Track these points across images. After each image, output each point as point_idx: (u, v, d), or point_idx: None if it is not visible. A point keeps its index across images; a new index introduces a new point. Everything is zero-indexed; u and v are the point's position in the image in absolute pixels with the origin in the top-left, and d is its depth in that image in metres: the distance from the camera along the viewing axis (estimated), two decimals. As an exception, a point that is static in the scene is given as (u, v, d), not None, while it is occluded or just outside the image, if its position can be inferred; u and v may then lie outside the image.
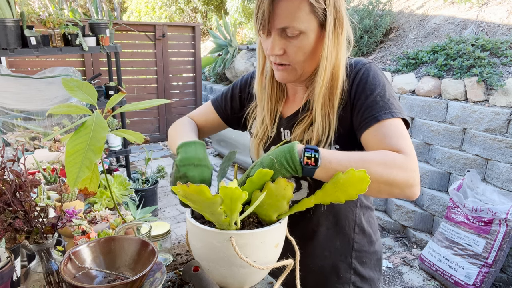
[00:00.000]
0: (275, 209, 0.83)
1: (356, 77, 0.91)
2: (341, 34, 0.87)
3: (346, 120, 0.92)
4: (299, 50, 0.86)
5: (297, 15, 0.82)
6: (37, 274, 0.79)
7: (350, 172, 0.72)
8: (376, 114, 0.85)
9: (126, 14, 12.04)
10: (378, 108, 0.85)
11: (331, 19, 0.84)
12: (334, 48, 0.87)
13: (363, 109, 0.87)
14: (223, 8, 8.65)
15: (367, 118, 0.86)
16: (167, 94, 5.90)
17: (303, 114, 0.96)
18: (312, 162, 0.75)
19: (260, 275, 0.89)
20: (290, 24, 0.83)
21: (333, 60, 0.88)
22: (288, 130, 1.00)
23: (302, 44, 0.85)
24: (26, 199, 0.75)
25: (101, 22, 3.31)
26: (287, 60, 0.89)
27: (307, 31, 0.84)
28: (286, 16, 0.82)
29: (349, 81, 0.92)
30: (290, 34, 0.84)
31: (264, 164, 0.78)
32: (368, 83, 0.89)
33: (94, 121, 0.82)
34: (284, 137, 1.01)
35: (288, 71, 0.91)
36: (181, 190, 0.73)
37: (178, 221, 3.52)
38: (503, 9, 3.74)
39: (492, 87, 2.93)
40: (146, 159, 3.52)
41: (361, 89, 0.89)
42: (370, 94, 0.87)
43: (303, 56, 0.87)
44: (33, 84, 2.90)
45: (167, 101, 1.00)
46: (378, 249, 1.12)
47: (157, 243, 1.01)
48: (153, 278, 0.78)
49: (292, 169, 0.76)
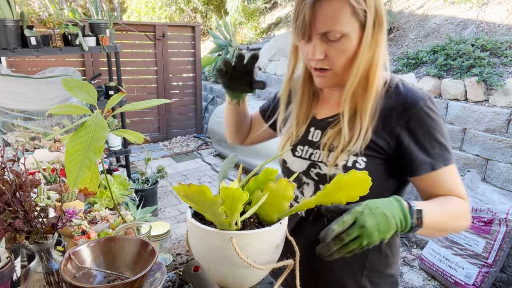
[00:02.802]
0: (276, 210, 0.83)
1: (412, 111, 0.85)
2: (380, 35, 0.84)
3: (384, 140, 0.88)
4: (341, 53, 0.84)
5: (339, 18, 0.80)
6: (37, 274, 0.79)
7: (352, 173, 0.72)
8: (432, 162, 0.85)
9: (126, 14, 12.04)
10: (435, 155, 0.85)
11: (371, 20, 0.82)
12: (371, 49, 0.84)
13: (417, 151, 0.85)
14: (223, 8, 8.64)
15: (423, 164, 0.85)
16: (167, 94, 5.90)
17: (338, 118, 0.93)
18: (420, 223, 0.75)
19: (260, 275, 0.89)
20: (332, 28, 0.81)
21: (367, 61, 0.85)
22: (320, 130, 0.97)
23: (344, 47, 0.83)
24: (26, 199, 0.75)
25: (101, 22, 3.31)
26: (328, 65, 0.87)
27: (349, 33, 0.82)
28: (327, 20, 0.80)
29: (394, 106, 0.87)
30: (332, 38, 0.82)
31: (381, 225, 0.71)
32: (427, 124, 0.85)
33: (94, 121, 0.82)
34: (313, 137, 0.98)
35: (328, 76, 0.89)
36: (182, 190, 0.73)
37: (178, 221, 3.52)
38: (503, 9, 3.74)
39: (492, 87, 2.93)
40: (146, 159, 3.52)
41: (419, 128, 0.85)
42: (428, 138, 0.85)
43: (345, 59, 0.85)
44: (33, 84, 2.89)
45: (167, 101, 1.00)
46: (395, 273, 1.04)
47: (157, 243, 1.01)
48: (153, 278, 0.78)
49: (402, 230, 0.75)
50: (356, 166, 0.87)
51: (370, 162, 0.88)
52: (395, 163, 0.88)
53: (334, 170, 0.89)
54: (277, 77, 5.52)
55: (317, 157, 0.94)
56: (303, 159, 0.97)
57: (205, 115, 6.48)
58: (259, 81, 1.01)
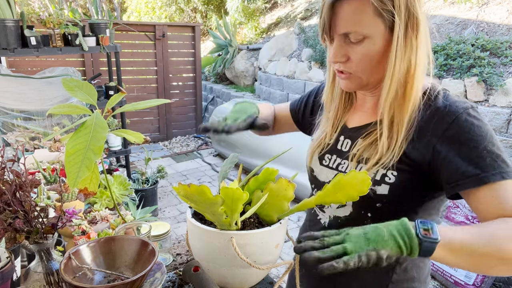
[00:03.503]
0: (276, 210, 0.83)
1: (450, 118, 0.76)
2: (415, 38, 0.76)
3: (419, 152, 0.79)
4: (364, 56, 0.78)
5: (360, 18, 0.74)
6: (37, 274, 0.79)
7: (352, 173, 0.72)
8: (483, 174, 0.71)
9: (126, 14, 12.04)
10: (485, 166, 0.72)
11: (402, 22, 0.74)
12: (405, 54, 0.76)
13: (464, 163, 0.73)
14: (223, 8, 8.64)
15: (467, 176, 0.72)
16: (167, 94, 5.90)
17: (372, 128, 0.86)
18: (431, 233, 0.62)
19: (260, 275, 0.89)
20: (352, 29, 0.75)
21: (403, 67, 0.77)
22: (349, 140, 0.91)
23: (367, 50, 0.77)
24: (26, 199, 0.75)
25: (101, 22, 3.31)
26: (351, 68, 0.81)
27: (372, 35, 0.75)
28: (348, 20, 0.75)
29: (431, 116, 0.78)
30: (354, 40, 0.77)
31: (369, 233, 0.64)
32: (472, 133, 0.74)
33: (94, 121, 0.82)
34: (342, 146, 0.92)
35: (352, 79, 0.83)
36: (182, 190, 0.73)
37: (178, 221, 3.52)
38: (503, 9, 3.74)
39: (492, 87, 2.93)
40: (146, 159, 3.52)
41: (460, 136, 0.74)
42: (475, 148, 0.73)
43: (369, 63, 0.79)
44: (33, 84, 2.89)
45: (167, 101, 1.00)
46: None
47: (157, 243, 1.01)
48: (153, 278, 0.78)
49: (406, 244, 0.62)
50: (385, 180, 0.80)
51: (401, 176, 0.79)
52: (430, 178, 0.79)
53: None
54: (277, 77, 5.52)
55: (344, 167, 0.89)
56: (330, 168, 0.92)
57: (205, 115, 6.48)
58: (260, 124, 0.93)
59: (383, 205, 0.80)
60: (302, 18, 6.83)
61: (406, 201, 0.80)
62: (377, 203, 0.81)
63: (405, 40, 0.75)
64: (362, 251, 0.61)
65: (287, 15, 7.52)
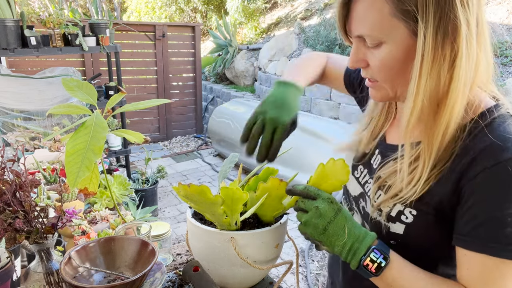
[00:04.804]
0: (271, 209, 0.83)
1: (487, 162, 0.59)
2: (449, 47, 0.59)
3: (445, 191, 0.64)
4: (382, 64, 0.65)
5: (373, 19, 0.61)
6: (37, 274, 0.79)
7: (330, 161, 0.71)
8: (493, 244, 0.58)
9: (126, 14, 12.04)
10: (502, 236, 0.58)
11: (430, 25, 0.58)
12: (435, 66, 0.60)
13: (479, 221, 0.60)
14: (223, 8, 8.64)
15: (479, 238, 0.60)
16: (167, 94, 5.90)
17: (401, 152, 0.70)
18: (373, 268, 0.64)
19: (260, 275, 0.89)
20: (363, 32, 0.64)
21: (433, 81, 0.61)
22: (381, 157, 0.77)
23: (386, 56, 0.63)
24: (26, 199, 0.75)
25: (101, 22, 3.31)
26: (372, 75, 0.69)
27: (389, 41, 0.62)
28: (360, 21, 0.64)
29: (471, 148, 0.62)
30: (370, 44, 0.65)
31: (329, 229, 0.67)
32: (506, 191, 0.58)
33: (94, 121, 0.82)
34: (374, 161, 0.79)
35: (378, 88, 0.70)
36: (182, 190, 0.73)
37: (178, 221, 3.52)
38: (503, 9, 3.74)
39: (492, 87, 2.93)
40: (146, 159, 3.52)
41: (492, 194, 0.59)
42: (500, 208, 0.58)
43: (388, 71, 0.65)
44: (33, 84, 2.89)
45: (167, 101, 1.00)
46: None
47: (157, 243, 1.01)
48: (153, 278, 0.78)
49: (347, 259, 0.66)
50: (401, 219, 0.68)
51: (420, 217, 0.67)
52: (452, 222, 0.65)
53: (376, 214, 0.72)
54: (277, 77, 5.52)
55: (368, 188, 0.78)
56: (358, 183, 0.82)
57: (205, 115, 6.48)
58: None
59: (397, 244, 0.70)
60: (302, 18, 6.83)
61: (424, 244, 0.69)
62: (391, 240, 0.71)
63: (435, 48, 0.59)
64: (311, 236, 0.69)
65: (287, 15, 7.52)
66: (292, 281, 2.52)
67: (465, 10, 0.58)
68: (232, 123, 4.64)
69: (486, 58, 0.62)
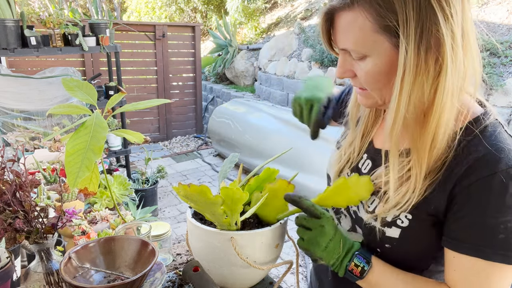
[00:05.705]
0: (275, 211, 0.83)
1: (481, 173, 0.60)
2: (433, 60, 0.59)
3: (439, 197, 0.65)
4: (368, 76, 0.66)
5: (355, 34, 0.62)
6: (37, 274, 0.79)
7: (355, 177, 0.72)
8: (485, 248, 0.60)
9: (126, 14, 12.04)
10: (495, 241, 0.60)
11: (411, 40, 0.58)
12: (418, 79, 0.60)
13: (471, 225, 0.62)
14: (223, 8, 8.65)
15: (472, 243, 0.62)
16: (167, 94, 5.90)
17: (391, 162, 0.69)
18: (358, 272, 0.71)
19: (260, 275, 0.89)
20: (349, 47, 0.65)
21: (415, 96, 0.61)
22: (371, 162, 0.78)
23: (371, 69, 0.64)
24: (26, 199, 0.75)
25: (101, 22, 3.31)
26: (360, 85, 0.70)
27: (372, 54, 0.63)
28: (343, 36, 0.65)
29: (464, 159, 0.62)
30: (355, 57, 0.66)
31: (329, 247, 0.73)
32: (500, 200, 0.59)
33: (94, 121, 0.82)
34: (363, 166, 0.80)
35: (367, 96, 0.71)
36: (182, 190, 0.73)
37: (178, 221, 3.52)
38: (503, 9, 3.74)
39: (492, 87, 2.93)
40: (146, 159, 3.52)
41: (484, 203, 0.61)
42: (494, 216, 0.60)
43: (375, 82, 0.66)
44: (33, 84, 2.89)
45: (167, 101, 1.00)
46: None
47: (157, 243, 1.01)
48: (153, 278, 0.78)
49: (335, 268, 0.73)
50: (396, 223, 0.69)
51: (416, 221, 0.68)
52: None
53: (371, 219, 0.73)
54: (277, 77, 5.52)
55: None
56: None
57: (205, 115, 6.48)
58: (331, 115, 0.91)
59: (393, 247, 0.72)
60: (302, 18, 6.83)
61: (419, 247, 0.71)
62: (385, 244, 0.72)
63: (417, 61, 0.59)
64: (313, 253, 0.73)
65: (287, 15, 7.52)
66: (292, 281, 2.52)
67: (448, 22, 0.58)
68: (232, 123, 4.64)
69: (473, 66, 0.62)
